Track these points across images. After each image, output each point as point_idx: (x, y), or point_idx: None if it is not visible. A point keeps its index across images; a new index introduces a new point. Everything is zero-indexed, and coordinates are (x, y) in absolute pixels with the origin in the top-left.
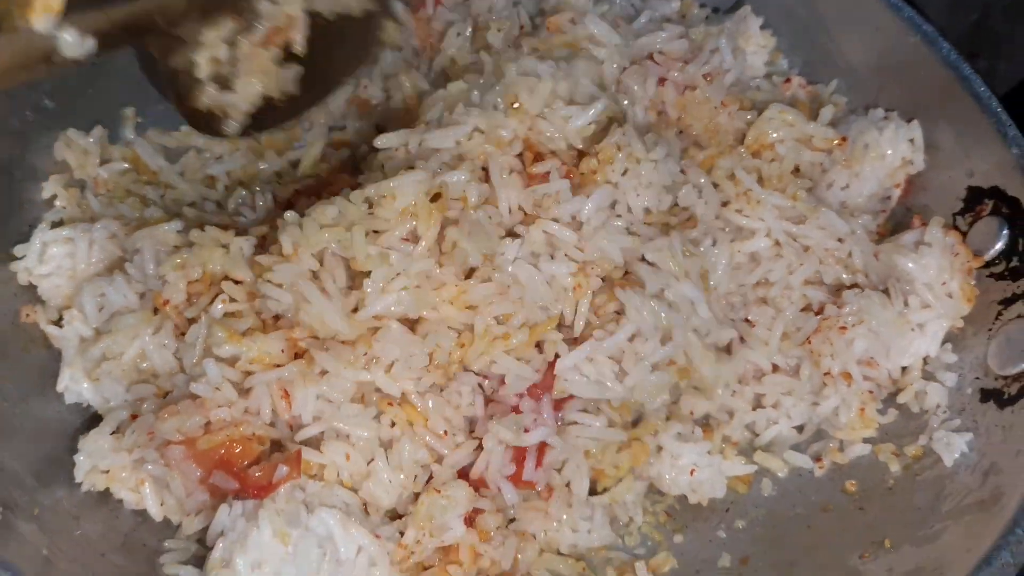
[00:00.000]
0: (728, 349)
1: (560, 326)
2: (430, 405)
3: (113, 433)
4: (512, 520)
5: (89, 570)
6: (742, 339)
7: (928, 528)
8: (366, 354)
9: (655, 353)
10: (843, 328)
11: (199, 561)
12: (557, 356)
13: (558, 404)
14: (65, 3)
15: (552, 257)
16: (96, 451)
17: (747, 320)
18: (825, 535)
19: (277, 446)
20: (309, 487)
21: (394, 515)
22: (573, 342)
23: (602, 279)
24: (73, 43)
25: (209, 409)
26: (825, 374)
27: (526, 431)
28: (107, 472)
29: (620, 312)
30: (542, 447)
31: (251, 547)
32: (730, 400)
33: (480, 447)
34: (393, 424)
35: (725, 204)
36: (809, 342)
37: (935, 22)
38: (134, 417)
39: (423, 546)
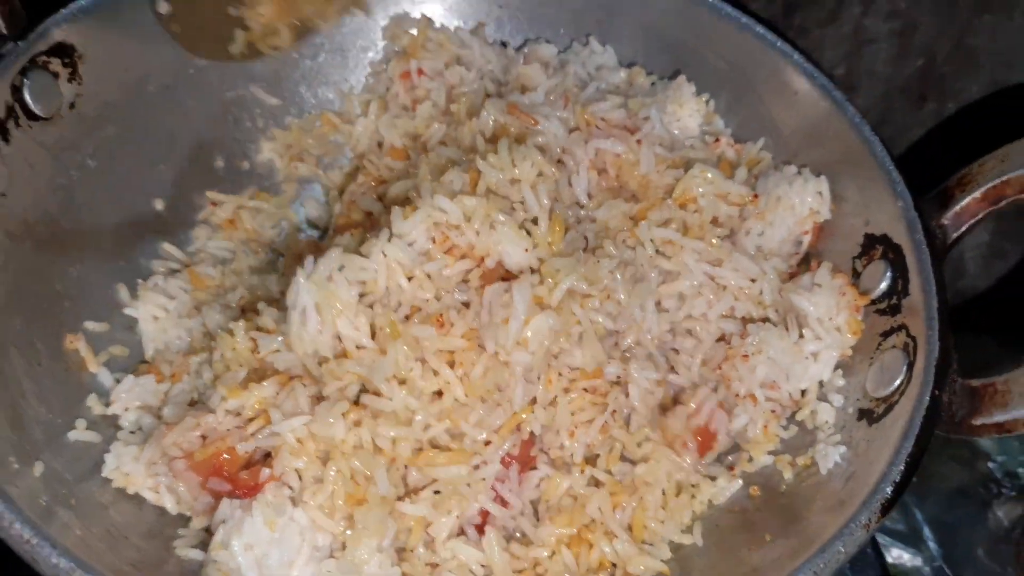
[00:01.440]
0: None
1: None
2: None
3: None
4: None
5: (116, 550)
6: (671, 367)
7: (798, 524)
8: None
9: None
10: (745, 356)
11: (206, 546)
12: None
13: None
14: None
15: None
16: (122, 455)
17: (674, 349)
18: (727, 532)
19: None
20: (295, 483)
21: None
22: None
23: None
24: None
25: (202, 425)
26: (735, 396)
27: None
28: (129, 475)
29: None
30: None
31: (245, 532)
32: None
33: None
34: None
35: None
36: (720, 368)
37: (881, 71)
38: None
39: None
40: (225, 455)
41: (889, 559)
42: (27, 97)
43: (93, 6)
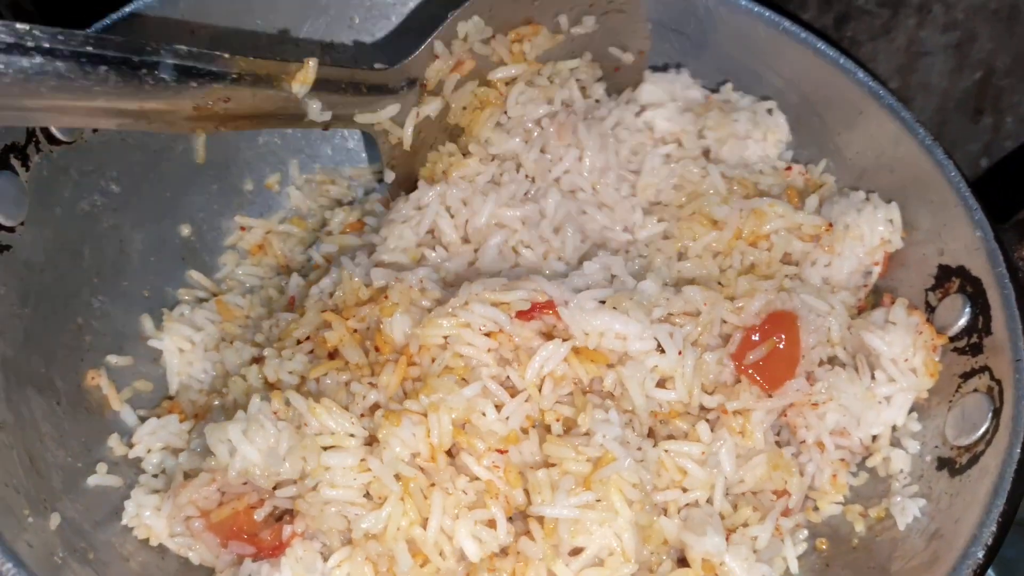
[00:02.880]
0: None
1: None
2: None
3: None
4: None
5: None
6: None
7: None
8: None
9: None
10: (815, 404)
11: None
12: None
13: None
14: (315, 81)
15: None
16: (143, 503)
17: None
18: None
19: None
20: (322, 538)
21: None
22: None
23: None
24: (317, 110)
25: (219, 480)
26: (801, 443)
27: None
28: (150, 527)
29: None
30: None
31: None
32: None
33: None
34: None
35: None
36: (785, 415)
37: (936, 84)
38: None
39: None
40: (244, 515)
41: None
42: None
43: (115, 27)
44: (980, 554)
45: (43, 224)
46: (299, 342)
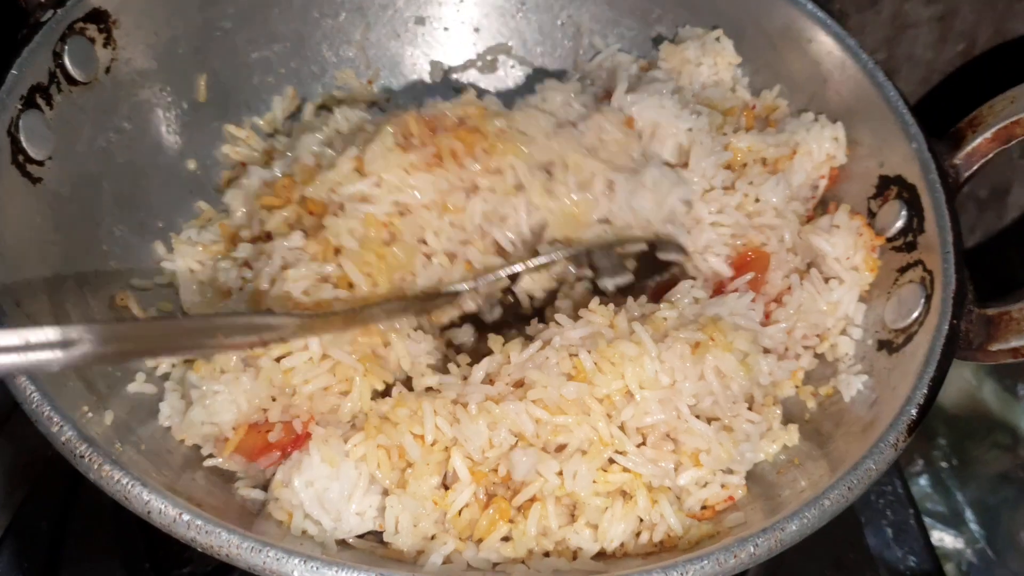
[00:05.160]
0: None
1: None
2: None
3: None
4: None
5: (187, 490)
6: None
7: (826, 448)
8: None
9: None
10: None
11: (265, 487)
12: None
13: None
14: None
15: None
16: (175, 406)
17: None
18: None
19: None
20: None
21: None
22: None
23: None
24: None
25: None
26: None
27: None
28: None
29: None
30: None
31: (304, 469)
32: None
33: None
34: None
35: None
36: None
37: (921, 55)
38: None
39: None
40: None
41: (932, 541)
42: (67, 63)
43: None
44: (913, 411)
45: (67, 159)
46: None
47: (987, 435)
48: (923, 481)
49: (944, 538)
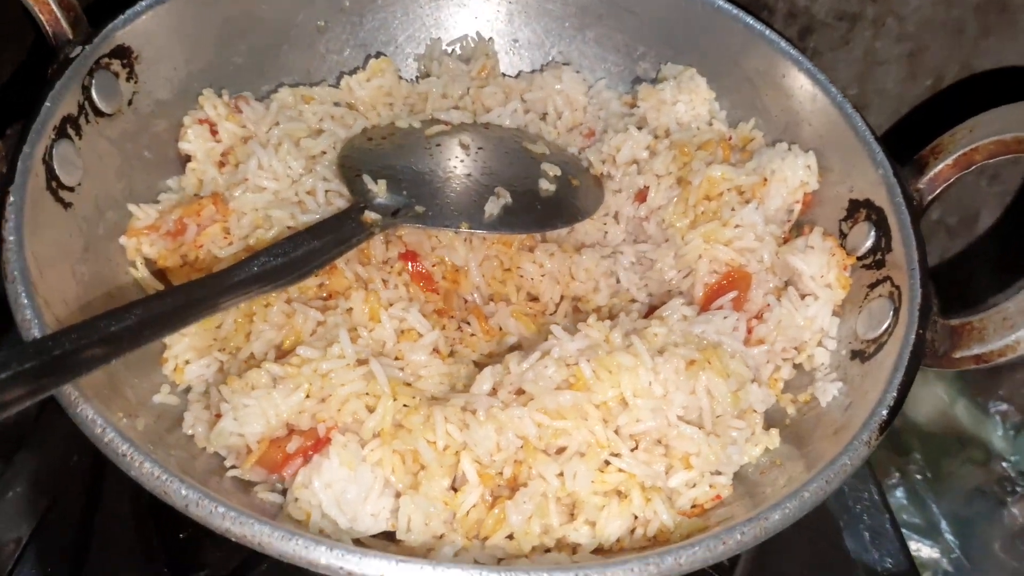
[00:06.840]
0: None
1: None
2: None
3: None
4: None
5: (208, 486)
6: None
7: (805, 448)
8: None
9: None
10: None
11: (282, 493)
12: None
13: None
14: None
15: None
16: (199, 416)
17: None
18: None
19: None
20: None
21: None
22: None
23: None
24: None
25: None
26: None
27: None
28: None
29: None
30: None
31: (324, 472)
32: None
33: None
34: None
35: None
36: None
37: (892, 90)
38: None
39: None
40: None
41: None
42: (95, 95)
43: (146, 9)
44: (884, 412)
45: (94, 186)
46: None
47: (961, 451)
48: (899, 493)
49: (921, 548)
